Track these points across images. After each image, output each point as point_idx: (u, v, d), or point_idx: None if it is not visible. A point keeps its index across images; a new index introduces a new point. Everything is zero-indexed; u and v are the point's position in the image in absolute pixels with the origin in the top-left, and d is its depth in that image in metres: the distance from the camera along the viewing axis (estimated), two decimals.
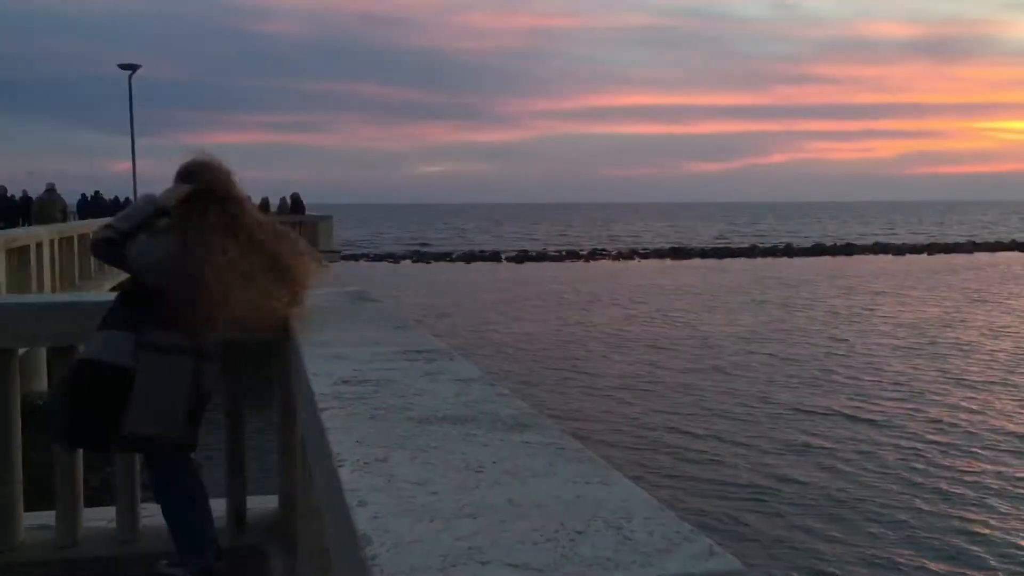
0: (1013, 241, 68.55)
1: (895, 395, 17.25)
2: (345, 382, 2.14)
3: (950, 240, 70.96)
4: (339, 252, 31.47)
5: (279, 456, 4.11)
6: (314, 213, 31.41)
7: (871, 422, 15.26)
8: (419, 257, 60.98)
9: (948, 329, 25.80)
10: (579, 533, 1.13)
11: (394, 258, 60.46)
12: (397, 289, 37.86)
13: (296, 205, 30.60)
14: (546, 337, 24.55)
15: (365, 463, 1.47)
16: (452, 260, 59.06)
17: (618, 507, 1.23)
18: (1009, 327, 26.32)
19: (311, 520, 2.46)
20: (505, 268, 53.14)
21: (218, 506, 4.01)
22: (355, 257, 59.01)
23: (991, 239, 71.57)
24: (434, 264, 56.74)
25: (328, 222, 30.36)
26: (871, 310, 30.38)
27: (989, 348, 22.68)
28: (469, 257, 60.03)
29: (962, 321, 27.47)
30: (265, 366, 4.18)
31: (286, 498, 4.05)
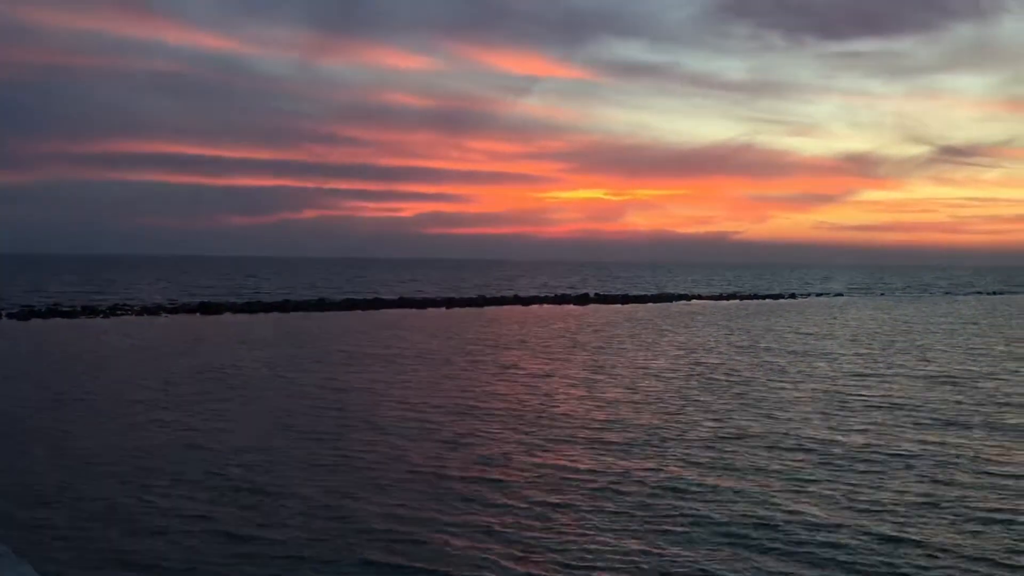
0: (516, 296, 78.38)
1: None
2: None
3: (465, 295, 78.75)
4: None
5: None
6: None
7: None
8: None
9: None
10: None
11: None
12: None
13: None
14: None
15: None
16: None
17: None
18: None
19: None
20: (4, 325, 47.05)
21: None
22: None
23: (498, 294, 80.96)
24: None
25: None
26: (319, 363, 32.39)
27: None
28: None
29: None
30: None
31: None
